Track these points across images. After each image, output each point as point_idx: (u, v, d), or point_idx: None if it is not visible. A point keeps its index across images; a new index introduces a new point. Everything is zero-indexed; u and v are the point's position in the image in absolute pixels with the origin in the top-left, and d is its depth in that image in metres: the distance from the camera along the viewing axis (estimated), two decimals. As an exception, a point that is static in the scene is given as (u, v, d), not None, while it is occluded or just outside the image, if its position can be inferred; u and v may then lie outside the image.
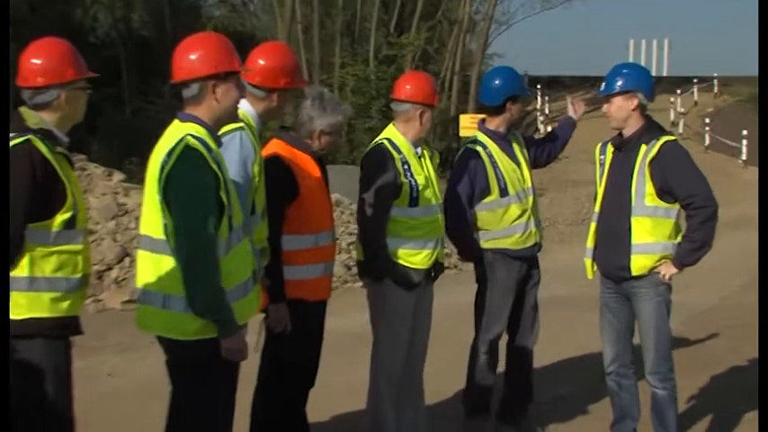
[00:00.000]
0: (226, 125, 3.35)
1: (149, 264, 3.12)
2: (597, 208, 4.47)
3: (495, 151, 4.71)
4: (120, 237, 8.88)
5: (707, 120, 24.90)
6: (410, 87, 4.37)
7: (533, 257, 4.87)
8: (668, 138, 4.27)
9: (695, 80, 30.49)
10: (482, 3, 28.21)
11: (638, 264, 4.24)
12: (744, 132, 21.28)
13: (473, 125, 10.44)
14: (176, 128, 3.13)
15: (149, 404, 4.59)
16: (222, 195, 3.06)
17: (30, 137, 3.10)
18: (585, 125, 6.67)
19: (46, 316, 3.14)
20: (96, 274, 8.20)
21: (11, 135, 3.07)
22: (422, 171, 4.34)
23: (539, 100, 28.72)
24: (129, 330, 3.99)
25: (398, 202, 4.25)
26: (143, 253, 3.16)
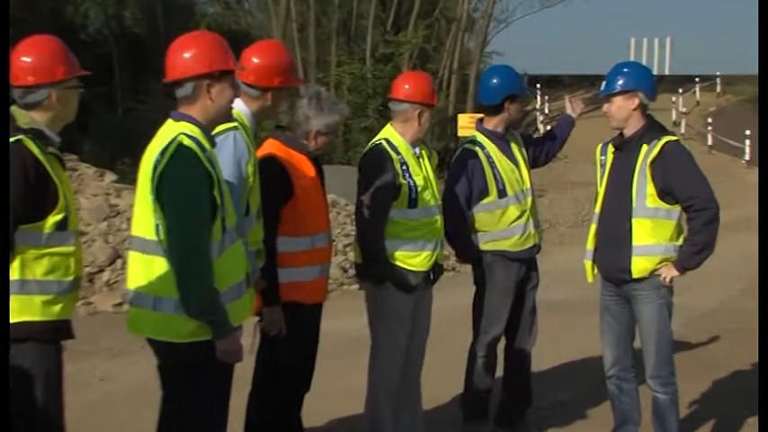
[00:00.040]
0: (220, 125, 3.30)
1: (141, 265, 3.07)
2: (597, 209, 4.42)
3: (493, 152, 4.67)
4: (111, 238, 8.75)
5: (709, 119, 24.86)
6: (409, 87, 4.31)
7: (532, 259, 4.83)
8: (670, 138, 4.21)
9: (697, 79, 30.46)
10: (480, 0, 28.21)
11: (638, 266, 4.19)
12: (747, 132, 21.20)
13: (471, 125, 10.38)
14: (170, 127, 3.08)
15: (142, 410, 4.52)
16: (216, 195, 3.01)
17: (21, 137, 3.05)
18: (585, 125, 6.63)
19: (37, 319, 3.10)
20: (87, 277, 8.09)
21: (0, 135, 3.01)
22: (420, 172, 4.28)
23: (538, 99, 28.70)
24: (121, 334, 3.92)
25: (397, 204, 4.20)
26: (134, 254, 3.11)
